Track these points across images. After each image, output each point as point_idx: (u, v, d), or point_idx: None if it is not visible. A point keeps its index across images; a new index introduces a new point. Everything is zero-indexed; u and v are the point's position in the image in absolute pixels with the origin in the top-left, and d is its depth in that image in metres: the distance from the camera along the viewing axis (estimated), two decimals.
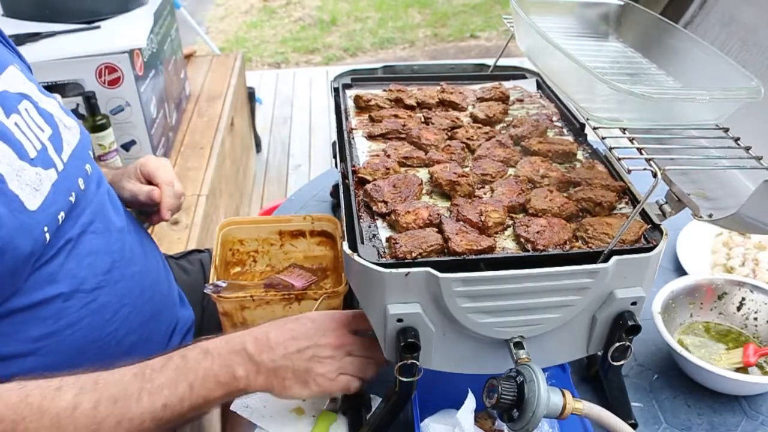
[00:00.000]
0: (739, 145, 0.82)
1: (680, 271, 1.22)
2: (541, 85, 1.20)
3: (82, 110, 1.77)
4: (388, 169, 0.90)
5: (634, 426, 0.87)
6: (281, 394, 0.84)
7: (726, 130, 0.84)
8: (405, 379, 0.79)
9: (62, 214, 0.89)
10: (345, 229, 0.80)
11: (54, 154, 0.92)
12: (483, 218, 0.80)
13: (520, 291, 0.74)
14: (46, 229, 0.85)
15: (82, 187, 0.96)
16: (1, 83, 0.89)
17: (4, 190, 0.80)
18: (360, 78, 1.20)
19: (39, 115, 0.93)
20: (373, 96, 1.10)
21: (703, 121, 0.83)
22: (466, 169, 0.93)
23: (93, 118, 1.77)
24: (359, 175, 0.89)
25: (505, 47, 1.22)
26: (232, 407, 0.97)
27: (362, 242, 0.78)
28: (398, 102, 1.11)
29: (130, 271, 1.02)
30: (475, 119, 1.08)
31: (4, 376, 0.82)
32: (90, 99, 1.75)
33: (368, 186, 0.86)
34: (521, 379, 0.71)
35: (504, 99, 1.13)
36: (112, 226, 1.01)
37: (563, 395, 0.71)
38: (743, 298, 1.06)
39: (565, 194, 0.88)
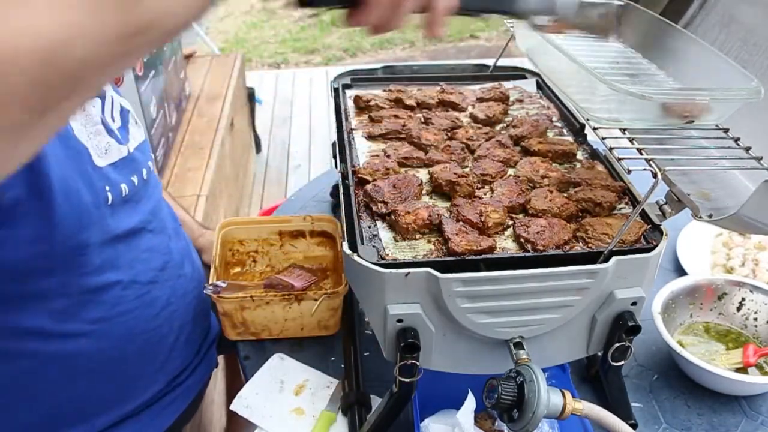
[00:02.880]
0: (739, 145, 0.82)
1: (680, 272, 1.22)
2: (541, 86, 1.20)
3: None
4: (388, 169, 0.90)
5: (634, 426, 0.87)
6: None
7: (726, 130, 0.84)
8: (405, 380, 0.79)
9: (125, 187, 0.94)
10: (345, 229, 0.80)
11: (123, 140, 0.98)
12: (483, 218, 0.80)
13: (520, 291, 0.74)
14: (107, 188, 0.89)
15: (145, 177, 1.02)
16: None
17: (73, 139, 0.85)
18: (360, 78, 1.20)
19: (119, 108, 1.01)
20: (372, 96, 1.10)
21: (703, 121, 0.83)
22: (466, 170, 0.93)
23: None
24: (359, 175, 0.89)
25: (505, 47, 1.22)
26: (232, 407, 0.97)
27: (362, 242, 0.78)
28: (398, 102, 1.11)
29: (178, 273, 1.08)
30: (475, 119, 1.08)
31: (62, 353, 0.91)
32: None
33: (368, 186, 0.86)
34: (521, 379, 0.71)
35: (504, 99, 1.13)
36: (166, 230, 1.07)
37: (563, 395, 0.71)
38: (743, 299, 1.06)
39: (565, 194, 0.88)
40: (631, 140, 0.80)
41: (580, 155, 0.99)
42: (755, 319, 1.05)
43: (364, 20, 0.65)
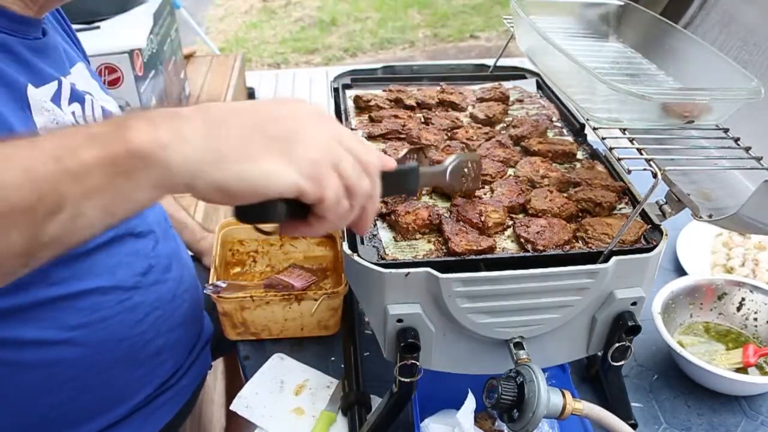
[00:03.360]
0: (739, 145, 0.82)
1: (680, 271, 1.22)
2: (541, 86, 1.20)
3: None
4: None
5: (634, 426, 0.87)
6: (239, 166, 0.53)
7: (726, 130, 0.84)
8: (405, 380, 0.78)
9: None
10: (345, 229, 0.80)
11: None
12: (483, 218, 0.80)
13: (519, 291, 0.74)
14: None
15: None
16: (71, 76, 0.93)
17: None
18: (360, 78, 1.20)
19: (101, 111, 0.97)
20: (372, 96, 1.10)
21: (703, 121, 0.83)
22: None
23: None
24: None
25: (505, 47, 1.22)
26: (232, 407, 0.97)
27: (362, 242, 0.78)
28: (398, 102, 1.11)
29: (165, 277, 1.04)
30: (475, 119, 1.08)
31: (41, 361, 0.88)
32: None
33: None
34: (521, 379, 0.71)
35: (504, 99, 1.12)
36: (152, 233, 1.04)
37: (563, 395, 0.71)
38: (743, 299, 1.06)
39: (565, 195, 0.88)
40: (631, 140, 0.80)
41: (580, 155, 0.99)
42: (755, 319, 1.05)
43: (305, 233, 0.62)
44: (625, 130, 0.81)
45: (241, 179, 0.53)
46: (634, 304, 0.78)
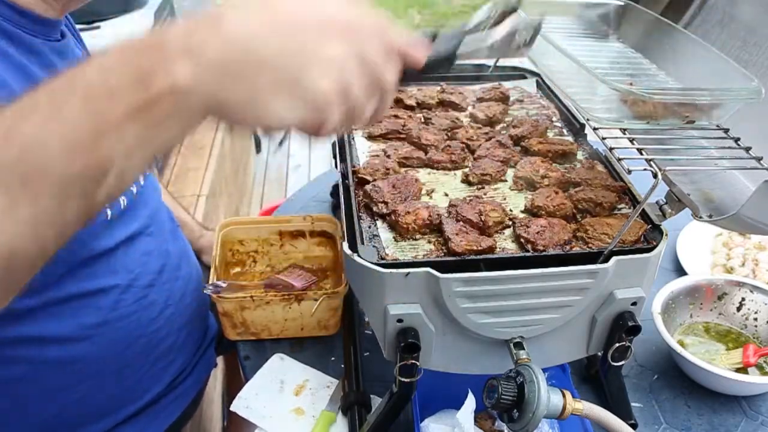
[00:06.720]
0: (739, 145, 0.82)
1: (680, 272, 1.22)
2: (541, 85, 1.20)
3: None
4: (388, 169, 0.90)
5: (634, 426, 0.87)
6: (245, 110, 0.51)
7: (726, 130, 0.84)
8: (405, 380, 0.78)
9: (123, 200, 0.94)
10: (345, 229, 0.80)
11: None
12: (483, 218, 0.80)
13: (520, 291, 0.74)
14: (107, 205, 0.88)
15: (142, 183, 1.02)
16: None
17: None
18: None
19: None
20: None
21: (703, 121, 0.83)
22: (466, 170, 0.93)
23: None
24: (359, 175, 0.89)
25: None
26: (232, 407, 0.97)
27: (362, 242, 0.78)
28: (398, 102, 1.11)
29: (176, 275, 1.07)
30: (475, 119, 1.08)
31: (61, 358, 0.90)
32: None
33: (368, 186, 0.86)
34: (521, 379, 0.71)
35: (504, 99, 1.12)
36: (163, 233, 1.06)
37: (563, 395, 0.71)
38: (743, 299, 1.06)
39: (566, 194, 0.88)
40: (631, 140, 0.80)
41: (580, 155, 0.99)
42: (755, 319, 1.05)
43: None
44: (625, 130, 0.82)
45: (246, 119, 0.53)
46: (634, 304, 0.78)
